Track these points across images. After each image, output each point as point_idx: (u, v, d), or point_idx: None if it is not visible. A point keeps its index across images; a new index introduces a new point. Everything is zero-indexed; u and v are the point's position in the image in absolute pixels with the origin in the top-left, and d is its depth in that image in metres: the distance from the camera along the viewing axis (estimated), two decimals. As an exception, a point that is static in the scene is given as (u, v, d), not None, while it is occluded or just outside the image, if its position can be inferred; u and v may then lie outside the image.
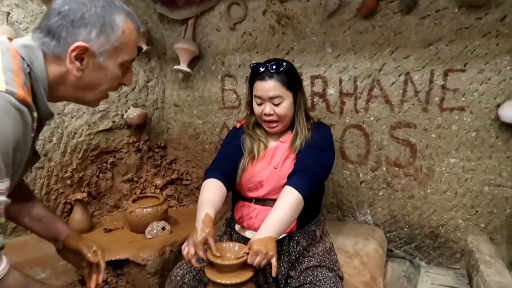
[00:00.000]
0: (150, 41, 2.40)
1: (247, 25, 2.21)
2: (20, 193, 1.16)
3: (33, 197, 1.23)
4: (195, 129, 2.54)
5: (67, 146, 2.16)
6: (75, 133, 2.19)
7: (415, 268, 1.94)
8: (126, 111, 2.39)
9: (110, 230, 2.10)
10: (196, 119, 2.52)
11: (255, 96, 1.51)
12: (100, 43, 0.90)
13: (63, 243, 1.21)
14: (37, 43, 0.88)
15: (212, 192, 1.41)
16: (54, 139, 2.10)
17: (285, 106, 1.48)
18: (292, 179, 1.36)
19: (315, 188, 1.39)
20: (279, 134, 1.58)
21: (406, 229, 1.99)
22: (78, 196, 2.06)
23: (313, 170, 1.39)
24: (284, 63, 1.48)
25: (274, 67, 1.45)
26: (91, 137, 2.26)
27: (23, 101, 0.79)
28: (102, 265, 1.21)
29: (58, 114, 2.10)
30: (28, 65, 0.86)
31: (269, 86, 1.45)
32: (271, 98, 1.46)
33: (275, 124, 1.51)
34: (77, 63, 0.90)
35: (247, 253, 1.20)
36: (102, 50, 0.91)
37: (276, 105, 1.47)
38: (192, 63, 2.40)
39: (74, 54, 0.88)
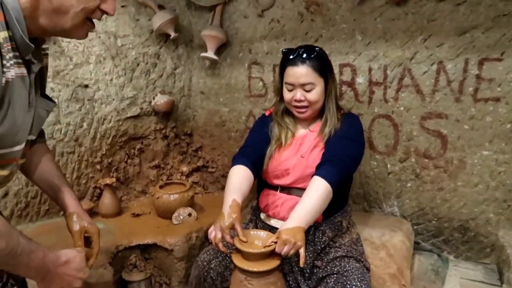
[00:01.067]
0: (178, 28, 2.41)
1: (275, 12, 2.18)
2: (37, 153, 1.18)
3: (50, 162, 1.23)
4: (221, 117, 2.55)
5: (96, 132, 2.21)
6: (104, 119, 2.23)
7: (443, 261, 1.90)
8: (153, 98, 2.42)
9: (138, 215, 2.15)
10: (222, 107, 2.53)
11: (285, 83, 1.50)
12: None
13: (65, 218, 1.24)
14: None
15: (239, 178, 1.43)
16: (85, 124, 2.15)
17: (316, 92, 1.46)
18: (321, 169, 1.35)
19: (343, 179, 1.38)
20: (308, 122, 1.57)
21: (434, 222, 1.95)
22: (108, 181, 2.12)
23: (343, 161, 1.37)
24: (316, 49, 1.46)
25: (306, 52, 1.44)
26: (120, 123, 2.31)
27: None
28: (95, 250, 1.23)
29: (88, 100, 2.15)
30: None
31: (301, 72, 1.44)
32: (302, 85, 1.45)
33: (305, 109, 1.49)
34: None
35: (275, 242, 1.20)
36: None
37: (307, 91, 1.45)
38: (219, 51, 2.40)
39: None
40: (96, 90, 2.17)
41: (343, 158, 1.38)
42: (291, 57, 1.47)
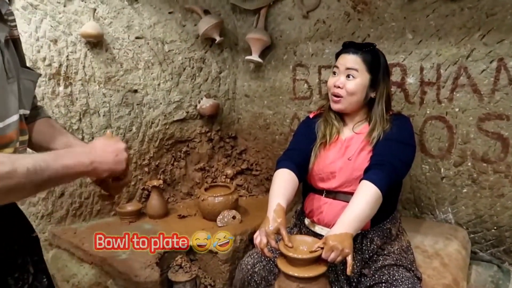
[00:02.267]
0: (223, 32, 2.43)
1: (320, 13, 2.14)
2: (42, 125, 1.10)
3: (64, 132, 1.14)
4: (266, 119, 2.54)
5: (145, 135, 2.28)
6: (152, 123, 2.30)
7: (504, 273, 1.76)
8: (199, 102, 2.45)
9: (183, 217, 2.18)
10: (267, 110, 2.52)
11: (334, 66, 1.50)
12: None
13: None
14: None
15: (283, 182, 1.40)
16: (134, 128, 2.22)
17: (356, 83, 1.43)
18: (370, 174, 1.30)
19: (393, 184, 1.32)
20: (353, 124, 1.52)
21: (493, 230, 1.82)
22: (155, 182, 2.17)
23: (392, 164, 1.31)
24: (374, 45, 1.47)
25: (362, 45, 1.48)
26: (167, 126, 2.36)
27: None
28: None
29: (137, 104, 2.22)
30: None
31: (349, 57, 1.45)
32: (347, 69, 1.44)
33: (339, 99, 1.47)
34: None
35: (322, 248, 1.16)
36: None
37: (349, 79, 1.44)
38: (263, 53, 2.40)
39: None
40: (144, 94, 2.24)
41: (393, 162, 1.32)
42: (347, 47, 1.49)
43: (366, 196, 1.25)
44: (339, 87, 1.45)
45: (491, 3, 1.64)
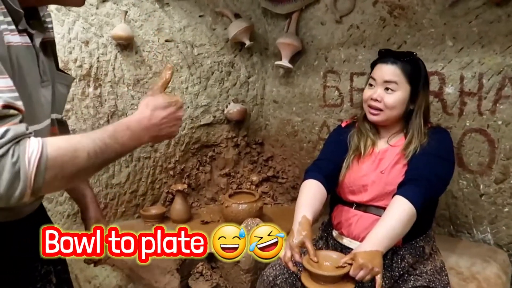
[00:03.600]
0: (253, 36, 2.41)
1: (354, 18, 2.08)
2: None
3: None
4: (294, 126, 2.49)
5: (171, 138, 2.27)
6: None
7: (548, 302, 1.63)
8: (226, 106, 2.43)
9: (206, 223, 2.15)
10: (295, 117, 2.47)
11: (370, 77, 1.42)
12: None
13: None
14: None
15: (311, 193, 1.36)
16: (161, 131, 2.22)
17: (396, 97, 1.35)
18: (404, 189, 1.22)
19: (429, 201, 1.25)
20: (389, 136, 1.45)
21: (537, 254, 1.69)
22: (179, 187, 2.16)
23: (429, 180, 1.23)
24: (414, 53, 1.39)
25: (401, 53, 1.39)
26: (193, 130, 2.35)
27: None
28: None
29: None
30: None
31: (388, 69, 1.36)
32: (385, 82, 1.36)
33: (377, 112, 1.39)
34: None
35: (350, 264, 1.10)
36: None
37: (388, 93, 1.36)
38: (293, 59, 2.35)
39: None
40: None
41: (430, 178, 1.24)
42: (384, 55, 1.41)
43: (399, 212, 1.18)
44: (376, 100, 1.38)
45: (541, 9, 1.53)
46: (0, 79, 0.65)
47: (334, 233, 1.49)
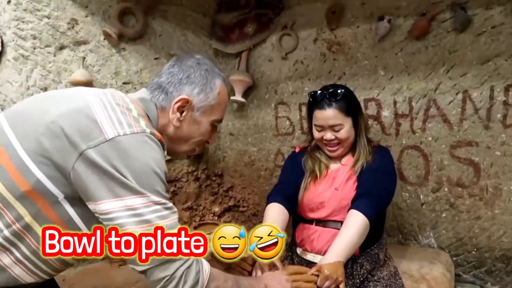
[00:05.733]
0: (206, 75, 2.52)
1: (298, 54, 2.28)
2: None
3: None
4: (250, 156, 2.61)
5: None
6: (140, 164, 2.32)
7: (488, 294, 1.83)
8: (185, 142, 2.50)
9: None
10: (251, 147, 2.59)
11: (315, 124, 1.54)
12: (199, 99, 1.04)
13: None
14: (149, 96, 1.04)
15: (274, 215, 1.45)
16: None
17: (345, 131, 1.49)
18: (357, 203, 1.37)
19: (380, 212, 1.40)
20: (340, 157, 1.60)
21: (474, 252, 1.90)
22: (145, 223, 2.17)
23: (378, 194, 1.40)
24: (341, 90, 1.49)
25: (332, 95, 1.47)
26: (155, 167, 2.39)
27: (160, 141, 0.94)
28: None
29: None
30: (146, 114, 1.00)
31: (328, 115, 1.47)
32: (331, 126, 1.48)
33: (336, 147, 1.53)
34: (178, 114, 1.04)
35: (316, 275, 1.21)
36: (200, 105, 1.05)
37: (337, 131, 1.49)
38: (246, 93, 2.49)
39: (177, 105, 1.02)
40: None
41: (378, 191, 1.40)
42: (318, 100, 1.50)
43: (356, 225, 1.31)
44: (331, 140, 1.50)
45: (452, 41, 1.82)
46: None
47: (298, 250, 1.59)
